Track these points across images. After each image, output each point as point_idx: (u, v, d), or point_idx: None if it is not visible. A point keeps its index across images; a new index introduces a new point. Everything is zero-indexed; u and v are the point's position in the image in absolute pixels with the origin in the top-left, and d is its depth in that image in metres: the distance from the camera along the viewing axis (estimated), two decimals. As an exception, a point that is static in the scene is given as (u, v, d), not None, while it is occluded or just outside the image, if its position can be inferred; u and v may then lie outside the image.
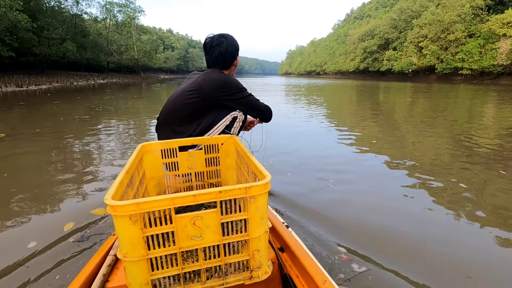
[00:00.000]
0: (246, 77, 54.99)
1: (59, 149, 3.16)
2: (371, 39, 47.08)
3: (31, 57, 20.97)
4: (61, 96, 10.12)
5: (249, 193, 0.71)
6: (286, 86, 18.65)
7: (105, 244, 1.01)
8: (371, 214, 1.76)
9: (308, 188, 2.13)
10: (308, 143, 3.62)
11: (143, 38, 41.21)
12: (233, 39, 1.39)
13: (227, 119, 1.36)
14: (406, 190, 2.12)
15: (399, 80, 34.41)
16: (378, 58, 46.08)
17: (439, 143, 3.50)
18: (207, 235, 0.73)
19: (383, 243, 1.45)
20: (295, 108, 7.23)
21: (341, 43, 66.70)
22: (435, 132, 4.17)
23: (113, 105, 7.70)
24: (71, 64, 27.39)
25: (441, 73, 32.56)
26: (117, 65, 36.13)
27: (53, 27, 21.60)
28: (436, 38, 33.14)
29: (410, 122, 5.13)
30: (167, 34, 79.12)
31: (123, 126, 4.65)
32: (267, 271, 0.83)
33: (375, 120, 5.38)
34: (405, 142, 3.64)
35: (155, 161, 1.16)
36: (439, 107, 7.58)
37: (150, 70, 51.59)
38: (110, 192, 0.67)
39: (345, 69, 56.36)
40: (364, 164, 2.72)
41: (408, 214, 1.76)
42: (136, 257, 0.68)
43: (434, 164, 2.69)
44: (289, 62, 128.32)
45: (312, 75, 79.24)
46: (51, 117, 5.54)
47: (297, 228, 1.55)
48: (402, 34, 41.24)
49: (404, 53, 39.01)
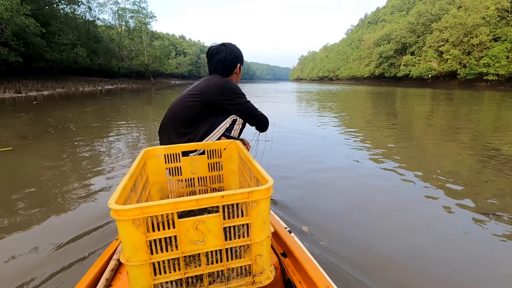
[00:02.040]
0: (257, 83, 55.48)
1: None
2: (387, 44, 46.84)
3: (42, 63, 21.71)
4: (50, 103, 9.92)
5: (251, 198, 0.73)
6: (298, 93, 18.54)
7: (108, 249, 1.05)
8: (382, 221, 1.74)
9: (314, 195, 2.15)
10: (321, 150, 3.62)
11: (155, 44, 42.64)
12: (233, 47, 1.47)
13: (227, 121, 1.42)
14: (417, 198, 2.08)
15: (417, 86, 33.86)
16: (395, 63, 45.66)
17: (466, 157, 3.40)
18: (209, 239, 0.76)
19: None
20: (309, 115, 7.24)
21: (354, 48, 66.72)
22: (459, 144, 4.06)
23: (79, 123, 5.62)
24: (83, 69, 28.37)
25: (464, 78, 31.81)
26: (128, 70, 37.29)
27: (64, 33, 22.35)
28: (458, 42, 32.56)
29: (436, 134, 5.02)
30: (179, 40, 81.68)
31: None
32: (269, 276, 0.84)
33: (393, 130, 5.32)
34: (418, 151, 3.58)
35: (158, 166, 1.20)
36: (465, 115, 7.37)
37: (162, 76, 53.05)
38: (113, 196, 0.70)
39: (359, 74, 56.12)
40: (376, 176, 2.69)
41: (418, 221, 1.73)
42: (139, 261, 0.71)
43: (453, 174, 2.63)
44: (300, 68, 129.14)
45: (324, 81, 79.23)
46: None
47: (299, 234, 1.57)
48: (420, 39, 40.81)
49: (422, 58, 38.47)
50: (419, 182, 2.45)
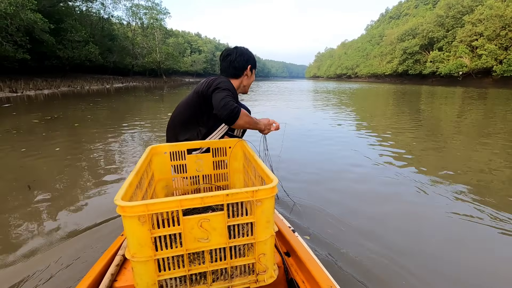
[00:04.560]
0: (272, 81, 55.46)
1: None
2: (412, 39, 45.58)
3: (55, 61, 22.28)
4: (38, 103, 9.02)
5: (256, 197, 0.76)
6: (317, 94, 18.01)
7: (113, 244, 1.10)
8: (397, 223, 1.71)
9: (321, 197, 2.18)
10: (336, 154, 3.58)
11: (169, 41, 43.51)
12: (244, 50, 1.55)
13: None
14: (433, 206, 2.03)
15: (444, 84, 32.63)
16: (420, 60, 44.32)
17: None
18: (213, 237, 0.79)
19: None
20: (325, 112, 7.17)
21: (375, 44, 65.47)
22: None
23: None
24: (98, 67, 29.17)
25: (500, 76, 30.24)
26: (142, 68, 38.17)
27: (77, 30, 22.74)
28: (495, 35, 30.87)
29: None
30: (195, 37, 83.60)
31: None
32: (272, 275, 0.88)
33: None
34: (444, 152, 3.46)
35: (164, 163, 1.26)
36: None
37: (177, 74, 54.06)
38: (120, 193, 0.74)
39: (380, 72, 54.97)
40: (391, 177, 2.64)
41: (429, 220, 1.69)
42: (144, 257, 0.75)
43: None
44: (317, 65, 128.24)
45: (342, 79, 78.26)
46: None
47: (303, 233, 1.60)
48: (450, 33, 39.38)
49: (452, 53, 37.10)
50: (430, 187, 2.39)
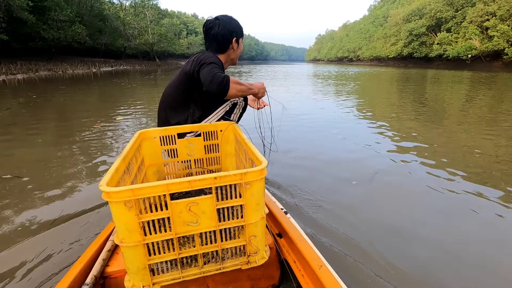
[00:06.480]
0: (270, 65, 54.63)
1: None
2: (419, 19, 44.71)
3: (39, 42, 21.24)
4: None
5: (245, 179, 0.78)
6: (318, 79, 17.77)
7: (105, 230, 1.13)
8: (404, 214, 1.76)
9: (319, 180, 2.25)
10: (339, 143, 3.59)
11: (163, 22, 41.99)
12: (227, 20, 1.42)
13: (227, 105, 1.46)
14: (425, 188, 2.09)
15: (451, 68, 32.16)
16: (426, 42, 43.66)
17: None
18: (203, 221, 0.81)
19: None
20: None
21: (378, 26, 64.13)
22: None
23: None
24: (88, 50, 28.19)
25: (511, 59, 29.56)
26: (136, 50, 37.01)
27: (61, 8, 21.39)
28: (509, 15, 29.66)
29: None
30: (191, 18, 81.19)
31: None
32: (264, 256, 0.92)
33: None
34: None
35: (154, 148, 1.27)
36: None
37: (173, 56, 52.14)
38: (105, 178, 0.75)
39: (384, 55, 54.18)
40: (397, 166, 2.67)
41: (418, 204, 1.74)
42: (133, 242, 0.78)
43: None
44: (317, 48, 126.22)
45: (343, 62, 77.22)
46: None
47: (296, 214, 1.66)
48: (459, 13, 38.48)
49: (461, 35, 36.37)
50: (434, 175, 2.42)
